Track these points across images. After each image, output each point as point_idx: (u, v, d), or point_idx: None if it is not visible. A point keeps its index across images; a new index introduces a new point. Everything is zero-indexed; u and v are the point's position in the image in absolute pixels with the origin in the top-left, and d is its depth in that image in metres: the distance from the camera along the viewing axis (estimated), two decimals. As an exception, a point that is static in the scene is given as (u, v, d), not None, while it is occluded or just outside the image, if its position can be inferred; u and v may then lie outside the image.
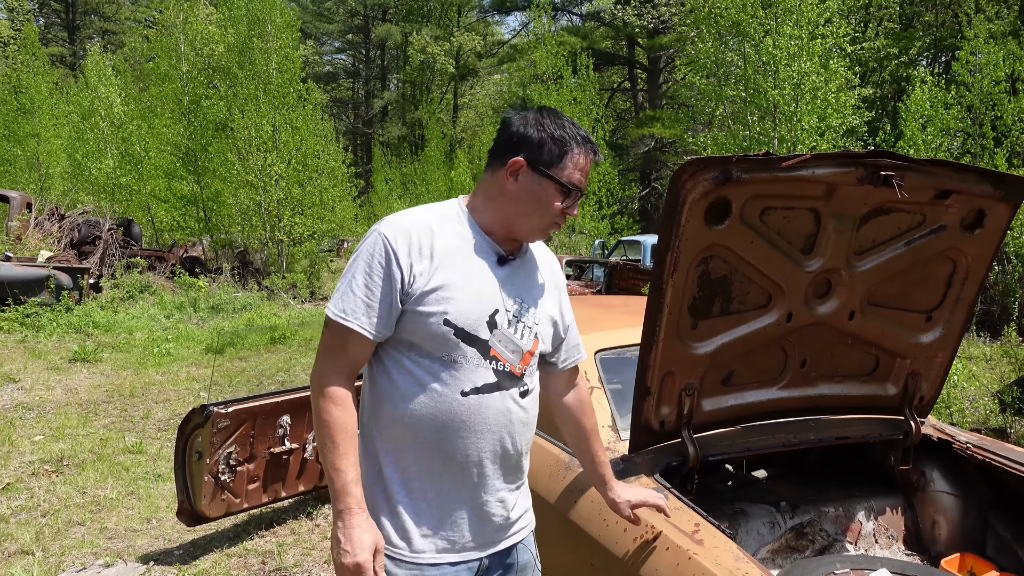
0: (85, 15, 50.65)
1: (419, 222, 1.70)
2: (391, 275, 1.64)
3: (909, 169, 2.25)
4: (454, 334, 1.66)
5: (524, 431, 1.81)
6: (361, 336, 1.65)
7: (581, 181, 1.75)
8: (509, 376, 1.75)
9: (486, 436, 1.72)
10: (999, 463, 2.66)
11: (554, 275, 1.95)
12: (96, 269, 15.16)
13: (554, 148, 1.72)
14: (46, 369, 8.66)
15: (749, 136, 13.03)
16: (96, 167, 21.26)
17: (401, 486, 1.72)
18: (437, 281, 1.66)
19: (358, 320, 1.64)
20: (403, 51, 47.68)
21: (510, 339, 1.75)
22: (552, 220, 1.76)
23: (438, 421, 1.68)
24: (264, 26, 18.39)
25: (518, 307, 1.78)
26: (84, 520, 4.41)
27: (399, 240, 1.66)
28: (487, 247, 1.76)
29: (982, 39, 12.17)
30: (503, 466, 1.78)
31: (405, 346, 1.70)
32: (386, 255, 1.65)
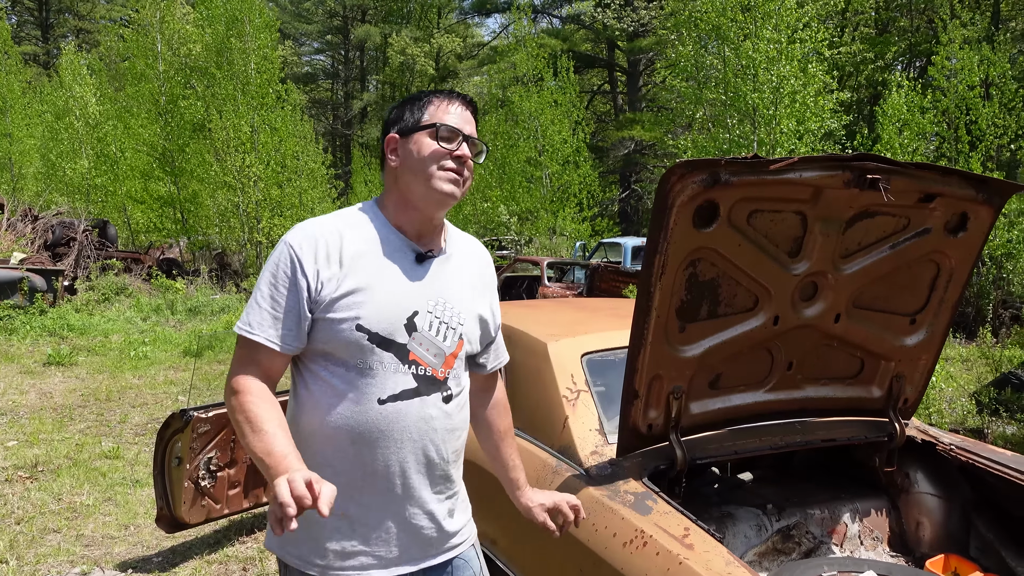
0: (59, 13, 49.94)
1: (327, 227, 1.65)
2: (297, 284, 1.59)
3: (895, 172, 2.26)
4: (368, 339, 1.60)
5: (450, 438, 1.72)
6: (269, 349, 1.60)
7: (457, 123, 1.68)
8: (431, 381, 1.68)
9: (407, 445, 1.65)
10: (982, 464, 2.69)
11: (484, 272, 1.87)
12: (71, 271, 14.94)
13: (414, 108, 1.72)
14: (19, 373, 8.51)
15: (729, 139, 13.12)
16: (71, 167, 20.96)
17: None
18: (348, 286, 1.60)
19: (265, 333, 1.59)
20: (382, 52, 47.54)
21: (431, 341, 1.68)
22: (439, 167, 1.65)
23: (355, 431, 1.61)
24: (242, 26, 18.25)
25: (440, 307, 1.70)
26: (60, 527, 4.32)
27: (304, 247, 1.61)
28: (402, 246, 1.70)
29: (957, 44, 12.35)
30: (429, 476, 1.70)
31: (321, 356, 1.64)
32: (291, 264, 1.60)
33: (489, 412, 1.98)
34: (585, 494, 2.31)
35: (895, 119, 12.12)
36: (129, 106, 21.07)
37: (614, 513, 2.16)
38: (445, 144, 1.66)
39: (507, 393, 2.94)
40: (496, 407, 2.00)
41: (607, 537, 2.12)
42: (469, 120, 1.73)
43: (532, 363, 2.90)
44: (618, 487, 2.30)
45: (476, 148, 1.73)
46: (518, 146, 20.58)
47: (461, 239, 1.86)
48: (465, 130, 1.70)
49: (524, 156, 20.50)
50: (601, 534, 2.15)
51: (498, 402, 2.00)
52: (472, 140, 1.71)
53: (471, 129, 1.72)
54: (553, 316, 3.51)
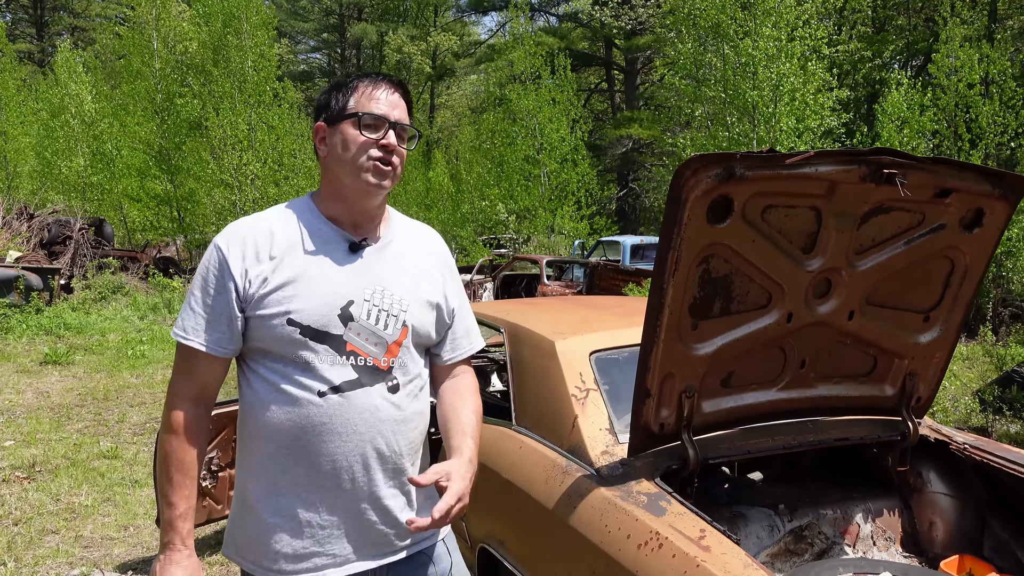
0: (54, 11, 49.74)
1: (256, 224, 1.64)
2: (225, 285, 1.58)
3: (911, 167, 2.22)
4: (300, 333, 1.58)
5: (401, 430, 1.67)
6: (203, 354, 1.59)
7: (380, 109, 1.63)
8: (372, 371, 1.63)
9: (352, 438, 1.61)
10: (996, 463, 2.65)
11: (436, 257, 1.82)
12: (67, 270, 14.86)
13: (339, 95, 1.67)
14: (16, 372, 8.45)
15: (728, 137, 13.09)
16: (66, 165, 20.85)
17: (268, 503, 1.62)
18: (277, 281, 1.58)
19: (198, 337, 1.59)
20: (379, 51, 47.41)
21: (370, 331, 1.63)
22: (365, 157, 1.61)
23: (297, 427, 1.59)
24: (239, 23, 18.17)
25: (379, 295, 1.66)
26: (58, 528, 4.27)
27: (232, 247, 1.60)
28: (335, 236, 1.67)
29: (957, 42, 12.33)
30: (381, 470, 1.65)
31: (259, 353, 1.62)
32: (219, 265, 1.59)
33: (459, 399, 1.81)
34: (597, 495, 2.27)
35: (895, 117, 12.09)
36: (125, 104, 20.99)
37: (627, 514, 2.12)
38: (369, 133, 1.62)
39: (515, 392, 2.92)
40: (468, 394, 1.82)
41: (620, 538, 2.08)
42: (397, 104, 1.68)
43: (540, 362, 2.85)
44: (630, 488, 2.26)
45: (406, 134, 1.69)
46: (516, 144, 20.53)
47: (406, 226, 1.82)
48: (392, 115, 1.65)
49: (522, 154, 20.46)
50: (614, 535, 2.10)
51: (470, 390, 1.83)
52: (400, 126, 1.67)
53: (400, 114, 1.67)
54: (560, 314, 3.47)
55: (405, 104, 1.70)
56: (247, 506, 1.65)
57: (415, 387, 1.72)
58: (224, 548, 1.73)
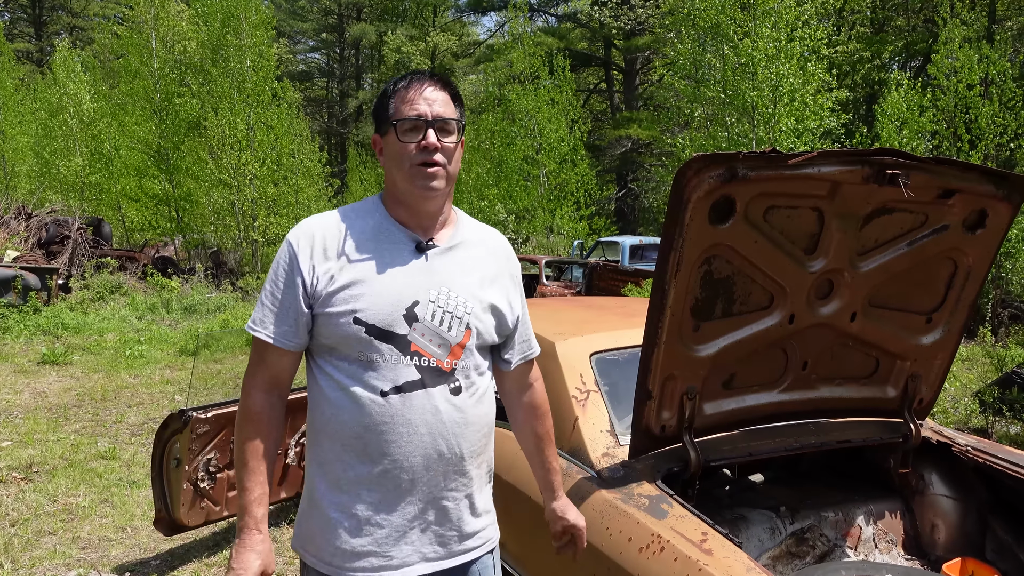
0: (52, 10, 49.65)
1: (327, 222, 1.67)
2: (293, 280, 1.62)
3: (914, 168, 2.21)
4: (366, 332, 1.58)
5: (464, 432, 1.66)
6: (271, 346, 1.63)
7: (416, 109, 1.63)
8: (436, 372, 1.63)
9: (413, 439, 1.61)
10: (999, 466, 2.64)
11: (502, 262, 1.82)
12: (65, 269, 14.83)
13: (382, 105, 1.69)
14: (13, 372, 8.42)
15: (728, 137, 13.08)
16: (64, 165, 20.80)
17: (332, 499, 1.64)
18: (344, 279, 1.60)
19: (266, 330, 1.63)
20: (378, 50, 47.41)
21: (435, 332, 1.64)
22: (412, 162, 1.62)
23: (360, 425, 1.60)
24: (239, 23, 18.14)
25: (444, 297, 1.66)
26: (55, 529, 4.25)
27: (302, 243, 1.63)
28: (402, 236, 1.68)
29: (956, 43, 12.33)
30: (442, 472, 1.65)
31: (327, 351, 1.64)
32: (289, 260, 1.63)
33: (525, 414, 1.93)
34: (598, 497, 2.25)
35: (894, 117, 12.09)
36: (124, 103, 20.94)
37: (628, 517, 2.10)
38: (409, 139, 1.63)
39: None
40: (535, 411, 1.93)
41: (622, 542, 2.06)
42: (435, 99, 1.65)
43: (540, 363, 2.82)
44: (631, 490, 2.24)
45: (450, 127, 1.66)
46: (515, 144, 20.51)
47: (475, 229, 1.82)
48: (431, 113, 1.63)
49: (521, 154, 20.44)
50: (616, 539, 2.09)
51: (537, 406, 1.94)
52: (439, 122, 1.64)
53: (439, 108, 1.65)
54: (560, 315, 3.45)
55: (447, 96, 1.68)
56: (314, 500, 1.67)
57: (478, 390, 1.71)
58: (292, 540, 1.74)
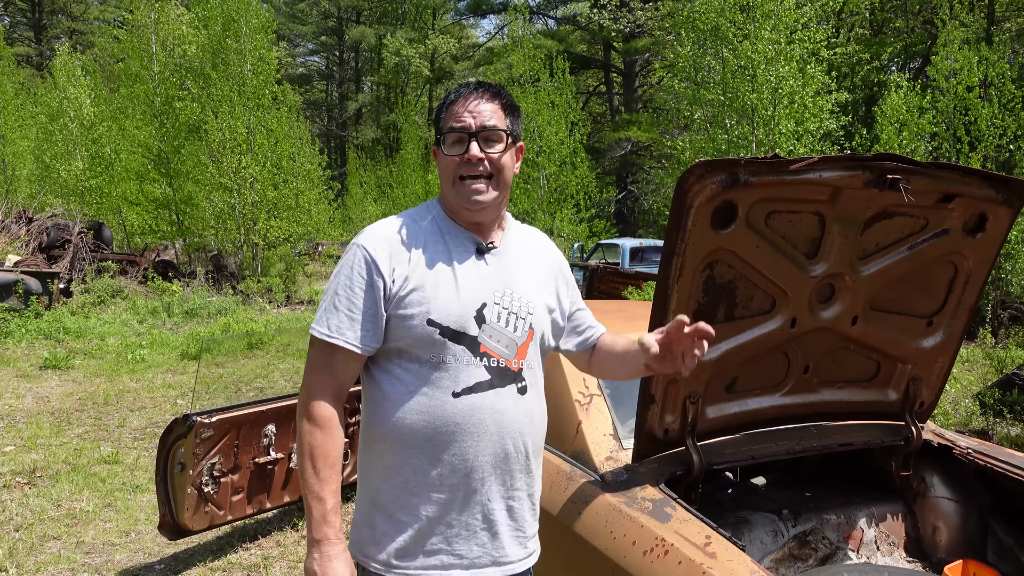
0: (52, 14, 49.75)
1: (395, 226, 1.70)
2: (373, 284, 1.63)
3: (915, 172, 2.23)
4: (440, 333, 1.62)
5: (530, 430, 1.72)
6: (348, 352, 1.64)
7: (461, 121, 1.66)
8: (504, 372, 1.67)
9: (484, 439, 1.64)
10: (999, 468, 2.65)
11: (550, 260, 1.88)
12: (66, 273, 14.83)
13: (437, 119, 1.73)
14: (15, 377, 8.43)
15: (727, 140, 13.10)
16: (65, 169, 20.82)
17: (401, 502, 1.66)
18: (416, 282, 1.63)
19: (344, 336, 1.63)
20: (377, 53, 47.49)
21: (502, 333, 1.67)
22: (455, 175, 1.66)
23: (431, 427, 1.62)
24: (238, 27, 18.16)
25: (508, 298, 1.70)
26: (60, 534, 4.26)
27: (378, 248, 1.65)
28: (464, 240, 1.72)
29: (956, 44, 12.35)
30: (509, 471, 1.69)
31: (395, 354, 1.66)
32: (366, 265, 1.64)
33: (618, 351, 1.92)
34: (602, 501, 2.27)
35: (894, 119, 12.11)
36: (124, 107, 20.96)
37: (633, 521, 2.12)
38: (455, 152, 1.66)
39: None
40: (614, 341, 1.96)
41: (626, 545, 2.08)
42: (481, 111, 1.67)
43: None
44: (635, 494, 2.26)
45: (496, 137, 1.67)
46: (515, 147, 20.49)
47: (523, 231, 1.87)
48: (475, 124, 1.65)
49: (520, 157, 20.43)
50: (620, 542, 2.10)
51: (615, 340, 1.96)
52: (484, 132, 1.65)
53: (484, 119, 1.66)
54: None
55: (496, 106, 1.69)
56: (378, 506, 1.67)
57: (540, 389, 1.78)
58: (350, 547, 1.71)
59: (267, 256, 19.19)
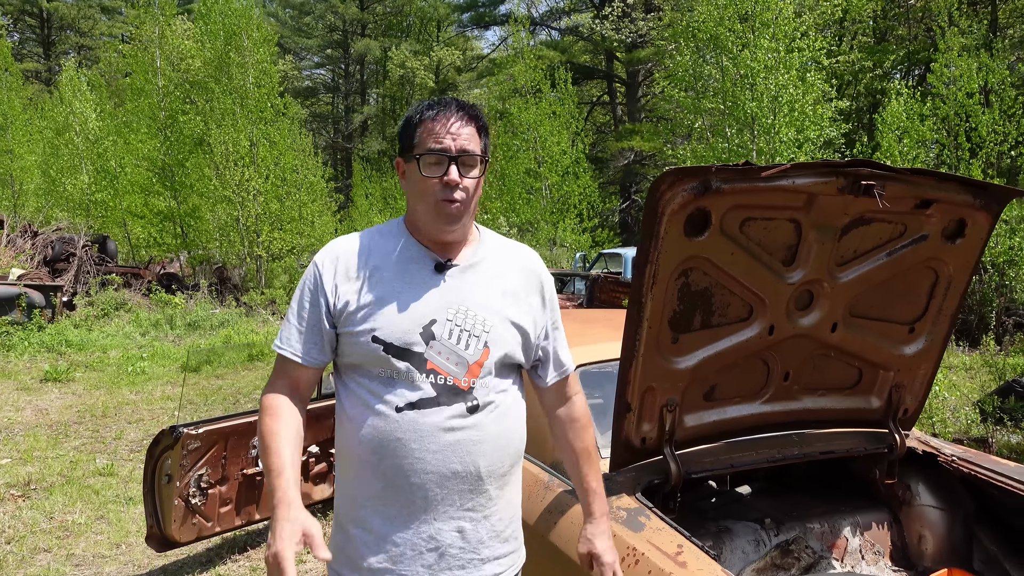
0: (61, 30, 50.18)
1: (352, 244, 1.73)
2: (317, 300, 1.69)
3: (890, 178, 2.22)
4: (384, 350, 1.63)
5: (480, 451, 1.64)
6: (294, 362, 1.70)
7: (441, 143, 1.63)
8: (451, 390, 1.63)
9: (425, 456, 1.60)
10: (984, 476, 2.63)
11: (531, 279, 1.80)
12: (70, 287, 14.91)
13: (407, 131, 1.71)
14: (16, 390, 8.46)
15: (728, 148, 13.10)
16: (71, 183, 20.98)
17: (352, 515, 1.69)
18: (365, 299, 1.66)
19: (291, 347, 1.70)
20: (382, 66, 47.70)
21: (451, 350, 1.64)
22: (435, 198, 1.63)
23: (376, 440, 1.63)
24: (241, 40, 18.29)
25: (462, 315, 1.66)
26: (51, 547, 4.26)
27: (326, 264, 1.70)
28: (422, 256, 1.70)
29: (955, 52, 12.33)
30: (457, 491, 1.64)
31: (351, 369, 1.70)
32: (314, 281, 1.70)
33: (563, 428, 1.92)
34: (576, 510, 2.24)
35: (894, 127, 12.09)
36: (129, 121, 21.11)
37: (606, 530, 2.10)
38: (432, 173, 1.64)
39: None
40: (573, 425, 1.91)
41: (599, 555, 2.06)
42: (459, 132, 1.64)
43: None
44: (610, 503, 2.24)
45: (473, 161, 1.66)
46: (517, 157, 20.58)
47: (499, 246, 1.82)
48: (455, 148, 1.63)
49: (523, 167, 20.50)
50: (593, 552, 2.08)
51: (575, 420, 1.91)
52: (461, 157, 1.64)
53: (463, 142, 1.64)
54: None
55: (473, 129, 1.67)
56: (338, 517, 1.73)
57: (498, 408, 1.69)
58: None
59: (271, 268, 19.26)
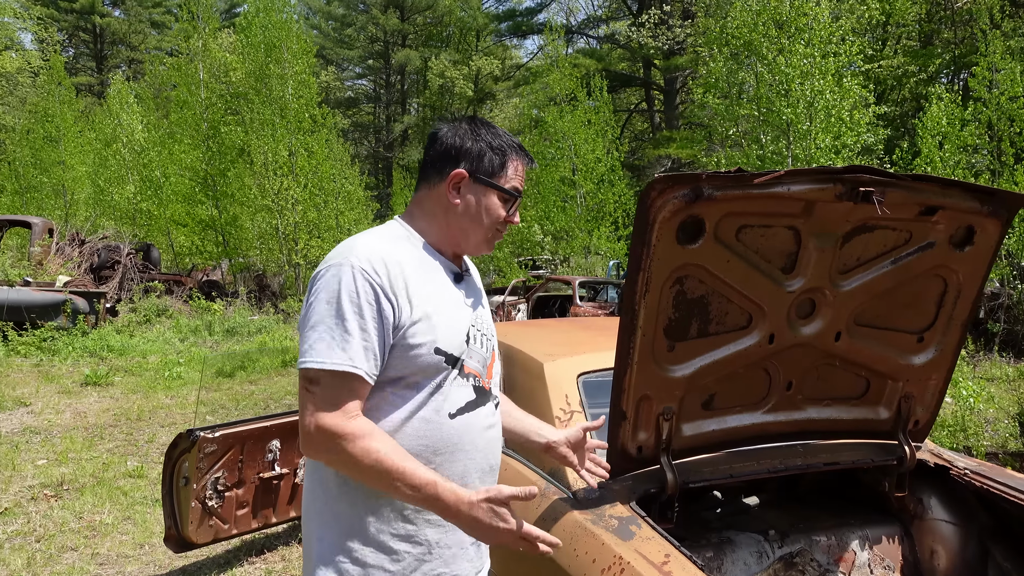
0: (112, 45, 51.78)
1: (385, 251, 1.59)
2: (383, 311, 1.54)
3: (890, 185, 2.17)
4: (445, 361, 1.64)
5: (499, 444, 1.81)
6: (363, 381, 1.53)
7: (519, 188, 1.78)
8: (483, 391, 1.74)
9: (475, 455, 1.69)
10: (998, 490, 2.55)
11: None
12: (114, 293, 15.34)
13: (495, 157, 1.71)
14: (57, 393, 8.72)
15: (763, 155, 12.93)
16: (118, 193, 21.60)
17: (394, 528, 1.60)
18: (420, 311, 1.59)
19: (357, 364, 1.51)
20: (422, 76, 48.17)
21: (479, 354, 1.74)
22: (496, 230, 1.76)
23: (430, 449, 1.61)
24: (281, 52, 18.67)
25: (480, 321, 1.78)
26: (77, 546, 4.38)
27: (379, 273, 1.54)
28: (444, 267, 1.74)
29: (998, 55, 12.01)
30: (489, 483, 1.74)
31: (389, 382, 1.59)
32: (374, 291, 1.53)
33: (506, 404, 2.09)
34: (570, 518, 2.25)
35: (935, 132, 11.81)
36: (173, 132, 21.70)
37: (595, 538, 2.09)
38: (506, 208, 1.75)
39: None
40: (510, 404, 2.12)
41: (587, 563, 2.05)
42: (524, 178, 1.81)
43: (528, 383, 2.85)
44: (603, 511, 2.23)
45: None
46: (552, 166, 20.60)
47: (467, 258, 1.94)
48: (521, 191, 1.79)
49: (558, 175, 20.51)
50: (581, 559, 2.08)
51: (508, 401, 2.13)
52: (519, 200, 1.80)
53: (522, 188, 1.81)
54: (556, 335, 3.46)
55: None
56: (366, 536, 1.59)
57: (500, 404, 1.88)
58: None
59: (308, 276, 19.54)
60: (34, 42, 42.64)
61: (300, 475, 4.07)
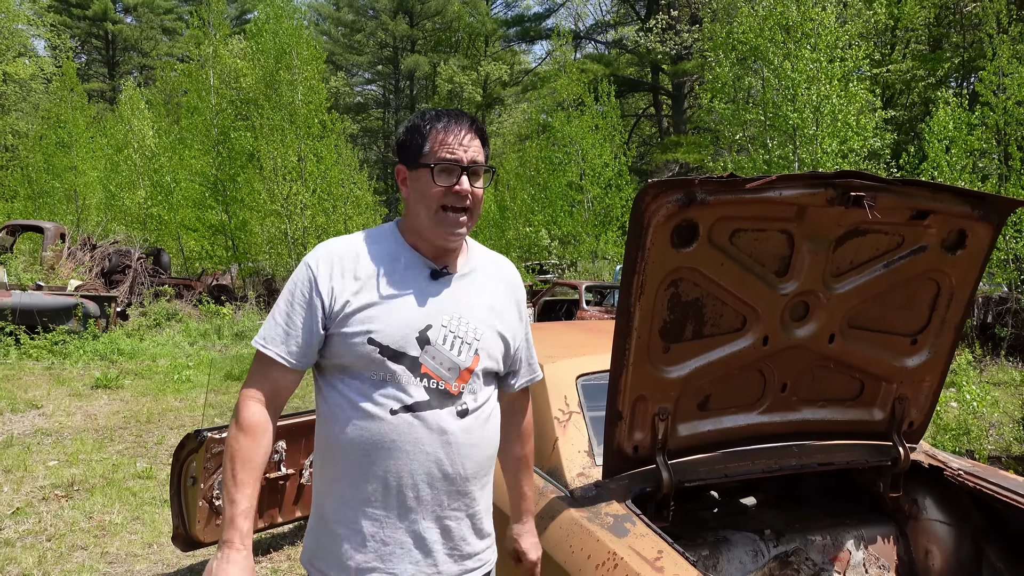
0: (124, 51, 52.22)
1: (344, 246, 1.73)
2: (311, 302, 1.68)
3: (880, 190, 2.22)
4: (379, 352, 1.65)
5: (468, 453, 1.72)
6: (279, 364, 1.68)
7: (453, 153, 1.69)
8: (443, 394, 1.69)
9: (418, 457, 1.66)
10: (991, 491, 2.58)
11: (511, 289, 1.90)
12: (125, 297, 15.48)
13: (415, 139, 1.73)
14: (68, 395, 8.82)
15: (769, 159, 12.95)
16: (129, 198, 21.79)
17: (339, 515, 1.70)
18: (361, 301, 1.66)
19: (276, 348, 1.68)
20: (431, 81, 48.35)
21: (445, 356, 1.70)
22: (441, 207, 1.69)
23: (368, 442, 1.65)
24: (291, 59, 18.81)
25: (456, 322, 1.73)
26: (87, 545, 4.45)
27: (321, 266, 1.69)
28: (418, 263, 1.75)
29: (1005, 59, 12.00)
30: (445, 491, 1.70)
31: (338, 370, 1.70)
32: (308, 282, 1.69)
33: (512, 436, 2.01)
34: (566, 516, 2.29)
35: (941, 136, 11.80)
36: (184, 138, 21.89)
37: (590, 535, 2.14)
38: (443, 181, 1.69)
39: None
40: (520, 432, 2.03)
41: (582, 559, 2.10)
42: (470, 144, 1.72)
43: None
44: (599, 509, 2.28)
45: (481, 171, 1.74)
46: (560, 170, 20.66)
47: (486, 257, 1.89)
48: (466, 158, 1.70)
49: (565, 180, 20.57)
50: (576, 555, 2.13)
51: (522, 429, 2.04)
52: (473, 169, 1.71)
53: (472, 154, 1.72)
54: (556, 337, 3.51)
55: (479, 142, 1.74)
56: (322, 516, 1.73)
57: (484, 414, 1.77)
58: (301, 555, 1.79)
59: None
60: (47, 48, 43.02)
61: (305, 476, 4.13)
